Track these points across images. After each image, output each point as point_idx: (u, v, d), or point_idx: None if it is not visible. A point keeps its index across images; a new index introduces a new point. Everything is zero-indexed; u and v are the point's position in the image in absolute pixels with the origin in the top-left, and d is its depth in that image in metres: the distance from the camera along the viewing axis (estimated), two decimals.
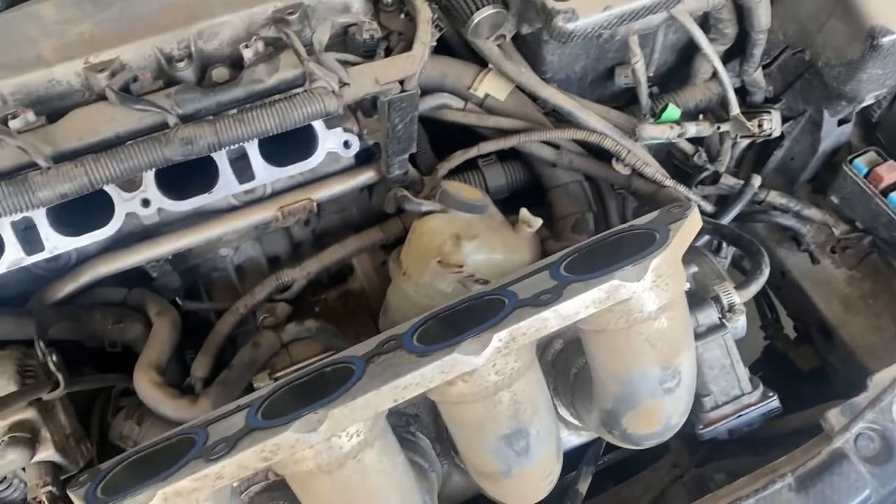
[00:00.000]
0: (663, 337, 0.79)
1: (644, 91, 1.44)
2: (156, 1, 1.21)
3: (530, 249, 1.36)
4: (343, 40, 1.25)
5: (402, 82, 1.23)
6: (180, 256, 1.43)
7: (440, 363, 0.72)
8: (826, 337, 1.55)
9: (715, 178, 1.52)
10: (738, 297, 1.16)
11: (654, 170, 1.38)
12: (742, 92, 1.56)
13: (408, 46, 1.25)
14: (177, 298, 1.47)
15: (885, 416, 1.18)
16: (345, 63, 1.20)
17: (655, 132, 1.39)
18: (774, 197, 1.49)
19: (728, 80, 1.36)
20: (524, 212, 1.37)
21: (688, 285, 1.17)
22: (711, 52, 1.34)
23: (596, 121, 1.39)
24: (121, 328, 1.35)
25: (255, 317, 1.46)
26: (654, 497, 1.31)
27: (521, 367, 0.79)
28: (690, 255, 1.29)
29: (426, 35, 1.22)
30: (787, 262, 1.60)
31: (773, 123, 1.41)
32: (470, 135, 1.49)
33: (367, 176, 1.42)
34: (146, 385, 1.28)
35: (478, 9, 1.28)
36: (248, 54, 1.17)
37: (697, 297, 1.21)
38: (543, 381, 0.88)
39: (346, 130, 1.35)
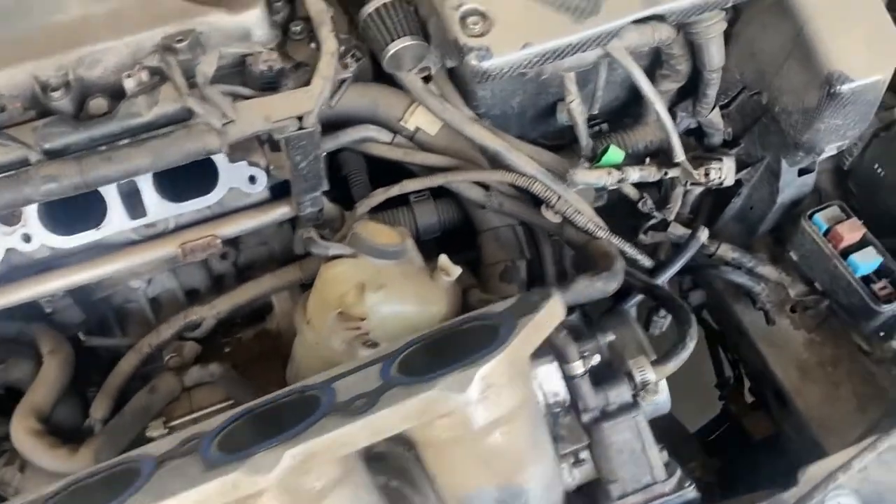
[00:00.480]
0: (499, 454, 0.68)
1: (583, 131, 1.32)
2: (36, 22, 1.12)
3: (448, 300, 1.25)
4: (241, 70, 1.15)
5: (301, 118, 1.12)
6: (85, 289, 1.34)
7: (221, 483, 0.61)
8: (781, 404, 1.42)
9: (665, 226, 1.39)
10: (652, 375, 1.04)
11: (587, 219, 1.26)
12: (700, 132, 1.43)
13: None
14: (80, 333, 1.39)
15: None
16: (235, 96, 1.10)
17: (590, 177, 1.27)
18: (726, 251, 1.36)
19: (671, 124, 1.23)
20: (443, 258, 1.26)
21: (597, 358, 1.05)
22: (651, 92, 1.21)
23: (525, 163, 1.27)
24: (3, 367, 1.27)
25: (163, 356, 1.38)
26: None
27: (328, 485, 0.68)
28: (611, 321, 1.18)
29: (328, 69, 1.11)
30: (744, 320, 1.47)
31: (722, 172, 1.28)
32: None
33: (280, 212, 1.32)
34: (21, 433, 1.20)
35: (393, 40, 1.17)
36: (129, 84, 1.07)
37: (612, 371, 1.09)
38: (367, 493, 0.77)
39: (251, 164, 1.25)
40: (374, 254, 1.22)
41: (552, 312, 0.71)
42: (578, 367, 1.04)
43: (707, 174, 1.27)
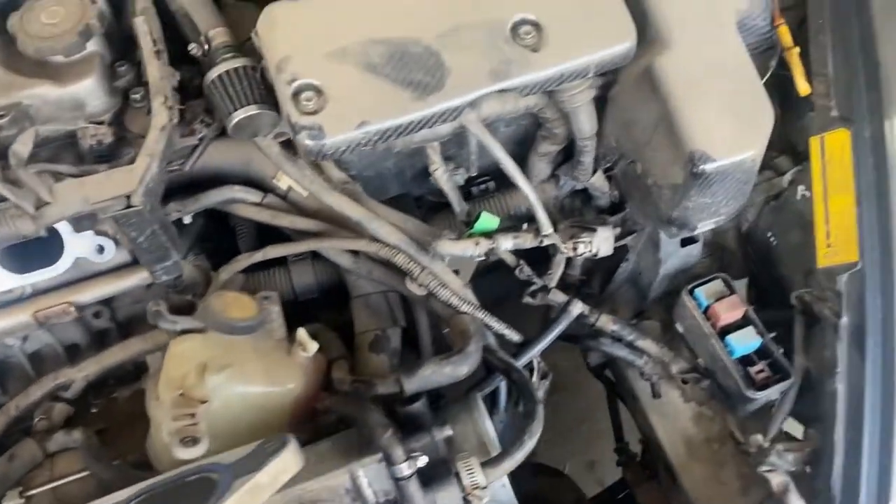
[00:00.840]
0: None
1: (453, 198, 1.26)
2: None
3: (304, 378, 1.20)
4: (73, 142, 1.11)
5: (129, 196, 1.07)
6: None
7: None
8: (671, 478, 1.36)
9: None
10: (482, 478, 0.99)
11: (451, 293, 1.20)
12: (588, 194, 1.36)
13: None
14: None
15: None
16: (58, 175, 1.05)
17: (455, 249, 1.21)
18: (606, 322, 1.29)
19: (533, 197, 1.17)
20: (301, 333, 1.21)
21: (424, 460, 1.00)
22: (510, 166, 1.15)
23: (387, 233, 1.21)
24: None
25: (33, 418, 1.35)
26: None
27: None
28: (456, 410, 1.12)
29: (155, 145, 1.06)
30: (636, 386, 1.41)
31: (593, 245, 1.21)
32: None
33: (137, 278, 1.27)
34: None
35: (236, 108, 1.11)
36: None
37: (443, 470, 1.03)
38: None
39: (99, 234, 1.21)
40: (224, 329, 1.18)
41: (281, 468, 0.66)
42: (404, 469, 0.99)
43: (575, 248, 1.20)
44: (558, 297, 1.29)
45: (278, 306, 1.29)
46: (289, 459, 0.67)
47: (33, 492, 1.28)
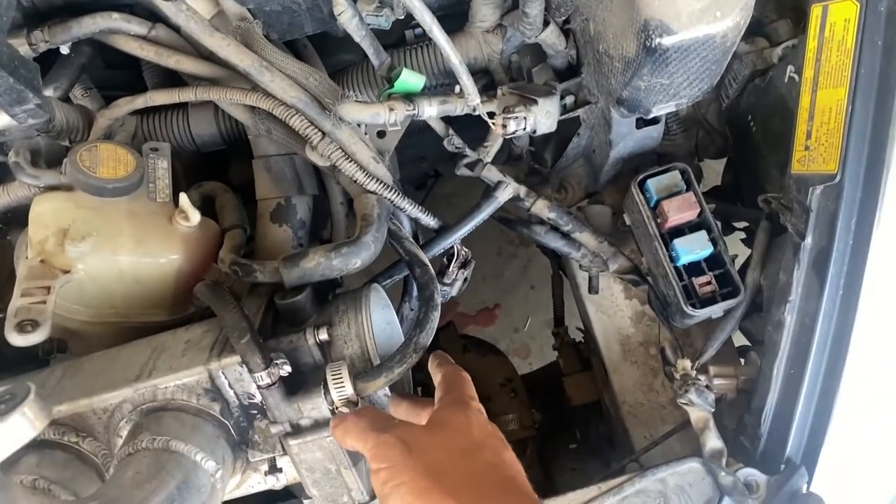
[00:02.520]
0: None
1: (368, 47, 1.04)
2: None
3: (187, 249, 1.06)
4: None
5: None
6: None
7: None
8: (605, 374, 1.24)
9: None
10: (350, 390, 0.86)
11: (356, 167, 1.02)
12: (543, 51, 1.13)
13: None
14: None
15: None
16: None
17: (361, 114, 1.01)
18: (541, 209, 1.11)
19: (456, 58, 0.95)
20: (183, 199, 1.06)
21: (287, 369, 0.88)
22: (426, 15, 0.92)
23: (283, 88, 1.01)
24: None
25: None
26: None
27: None
28: (343, 305, 0.98)
29: None
30: (578, 276, 1.25)
31: (529, 121, 1.00)
32: None
33: (4, 119, 1.10)
34: None
35: None
36: None
37: (314, 377, 0.91)
38: None
39: None
40: (90, 189, 1.02)
41: (12, 431, 0.53)
42: (264, 378, 0.87)
43: (505, 125, 1.00)
44: (493, 174, 1.11)
45: (167, 161, 1.12)
46: (24, 420, 0.54)
47: None
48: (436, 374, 0.89)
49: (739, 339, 1.13)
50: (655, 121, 1.06)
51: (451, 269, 1.11)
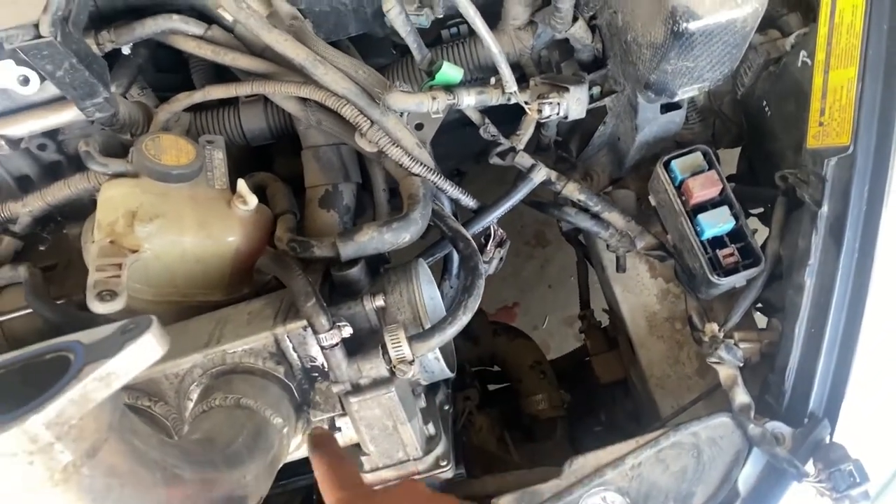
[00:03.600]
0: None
1: (412, 42, 1.12)
2: None
3: (244, 232, 1.14)
4: None
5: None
6: None
7: None
8: (631, 351, 1.31)
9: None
10: (407, 351, 0.94)
11: (402, 152, 1.10)
12: (570, 46, 1.21)
13: None
14: None
15: None
16: None
17: (407, 103, 1.09)
18: (572, 191, 1.19)
19: (495, 45, 1.04)
20: (241, 184, 1.14)
21: (348, 330, 0.95)
22: (468, 7, 1.00)
23: (334, 80, 1.10)
24: None
25: None
26: None
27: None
28: (395, 278, 1.05)
29: None
30: (604, 257, 1.33)
31: (562, 107, 1.09)
32: None
33: (68, 114, 1.18)
34: None
35: None
36: None
37: (372, 340, 0.99)
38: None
39: (21, 64, 1.10)
40: (156, 175, 1.10)
41: (136, 356, 0.60)
42: (328, 338, 0.95)
43: (540, 110, 1.08)
44: (525, 160, 1.19)
45: (222, 152, 1.20)
46: (148, 346, 0.61)
47: None
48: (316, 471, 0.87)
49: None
50: (678, 106, 1.14)
51: (488, 248, 1.19)
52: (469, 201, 1.16)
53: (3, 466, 0.56)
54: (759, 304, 1.17)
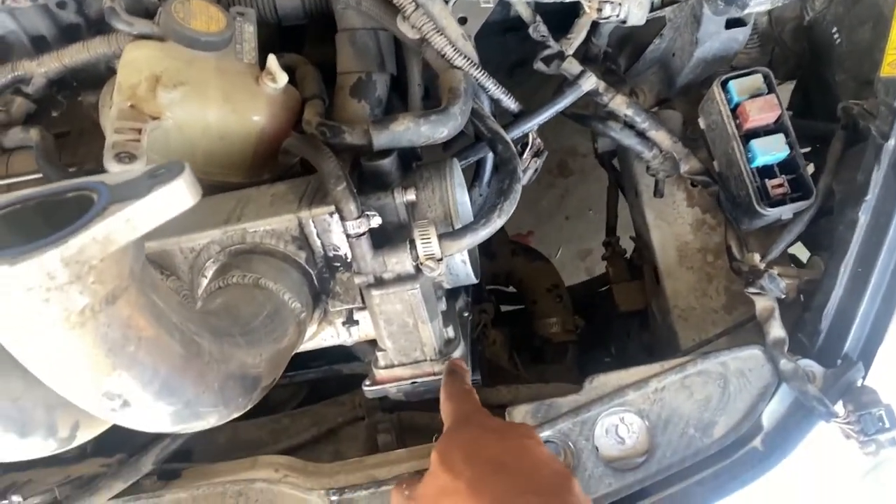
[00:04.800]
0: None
1: None
2: None
3: (270, 111, 1.08)
4: None
5: None
6: None
7: None
8: (656, 281, 1.27)
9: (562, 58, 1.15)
10: (437, 248, 0.89)
11: (446, 41, 1.04)
12: None
13: None
14: None
15: (584, 430, 0.95)
16: None
17: None
18: (619, 104, 1.13)
19: None
20: (271, 60, 1.07)
21: (377, 221, 0.90)
22: None
23: None
24: None
25: None
26: (319, 432, 1.14)
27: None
28: (426, 174, 1.00)
29: None
30: (640, 182, 1.28)
31: (623, 8, 1.02)
32: None
33: None
34: None
35: None
36: None
37: (400, 234, 0.94)
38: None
39: None
40: (184, 40, 1.04)
41: (167, 200, 0.55)
42: (355, 227, 0.90)
43: (601, 8, 1.01)
44: (573, 66, 1.12)
45: (253, 25, 1.13)
46: (178, 192, 0.56)
47: None
48: (441, 390, 0.90)
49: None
50: (743, 22, 1.07)
51: (524, 157, 1.13)
52: (511, 103, 1.09)
53: (18, 301, 0.52)
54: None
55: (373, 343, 1.03)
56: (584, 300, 1.57)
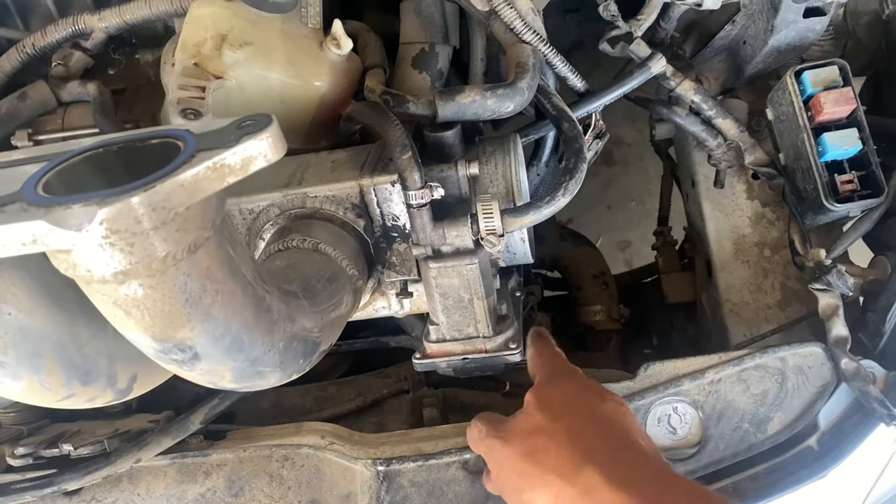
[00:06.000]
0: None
1: None
2: None
3: (333, 77, 1.07)
4: None
5: None
6: None
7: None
8: (708, 272, 1.25)
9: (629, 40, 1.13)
10: (499, 224, 0.87)
11: (516, 14, 1.02)
12: None
13: None
14: None
15: (637, 418, 0.93)
16: None
17: None
18: (686, 90, 1.10)
19: None
20: (337, 24, 1.06)
21: (440, 192, 0.89)
22: None
23: None
24: None
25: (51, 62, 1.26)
26: (364, 403, 1.14)
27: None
28: (488, 149, 0.99)
29: None
30: (699, 171, 1.25)
31: None
32: None
33: None
34: None
35: None
36: None
37: (461, 208, 0.93)
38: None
39: None
40: (251, 1, 1.03)
41: (255, 151, 0.54)
42: (417, 197, 0.89)
43: None
44: (641, 49, 1.10)
45: None
46: (267, 144, 0.55)
47: (42, 137, 1.23)
48: (528, 351, 0.95)
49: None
50: (823, 12, 1.04)
51: (586, 137, 1.11)
52: (577, 82, 1.07)
53: (101, 245, 0.51)
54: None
55: (422, 317, 1.02)
56: (630, 289, 1.55)
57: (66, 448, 0.94)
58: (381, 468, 0.95)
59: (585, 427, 0.73)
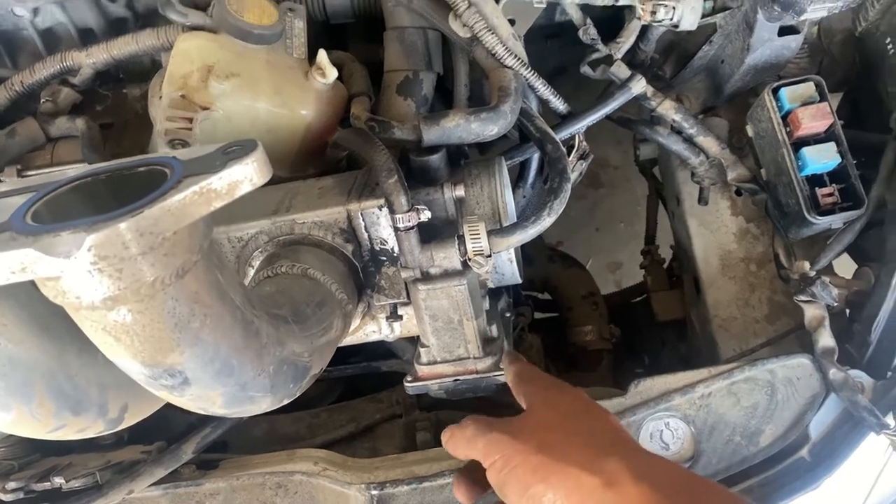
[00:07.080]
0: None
1: None
2: None
3: (319, 106, 1.09)
4: None
5: None
6: None
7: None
8: (696, 289, 1.26)
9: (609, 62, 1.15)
10: (486, 244, 0.88)
11: (497, 40, 1.04)
12: None
13: None
14: None
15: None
16: None
17: None
18: (667, 109, 1.12)
19: None
20: (321, 55, 1.08)
21: (427, 215, 0.90)
22: None
23: None
24: None
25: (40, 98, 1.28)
26: (357, 429, 1.14)
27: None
28: (473, 171, 1.00)
29: None
30: (683, 189, 1.27)
31: (676, 13, 1.01)
32: None
33: None
34: None
35: None
36: None
37: (448, 230, 0.94)
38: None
39: None
40: (237, 32, 1.05)
41: (241, 176, 0.55)
42: (405, 220, 0.90)
43: (654, 11, 1.01)
44: (621, 70, 1.12)
45: (303, 21, 1.14)
46: (252, 168, 0.56)
47: (32, 173, 1.24)
48: (509, 373, 0.91)
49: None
50: (797, 30, 1.06)
51: (570, 159, 1.13)
52: (559, 104, 1.09)
53: (90, 271, 0.52)
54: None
55: (412, 341, 1.02)
56: (620, 309, 1.56)
57: (58, 481, 0.93)
58: (374, 492, 0.95)
59: (598, 426, 0.73)
